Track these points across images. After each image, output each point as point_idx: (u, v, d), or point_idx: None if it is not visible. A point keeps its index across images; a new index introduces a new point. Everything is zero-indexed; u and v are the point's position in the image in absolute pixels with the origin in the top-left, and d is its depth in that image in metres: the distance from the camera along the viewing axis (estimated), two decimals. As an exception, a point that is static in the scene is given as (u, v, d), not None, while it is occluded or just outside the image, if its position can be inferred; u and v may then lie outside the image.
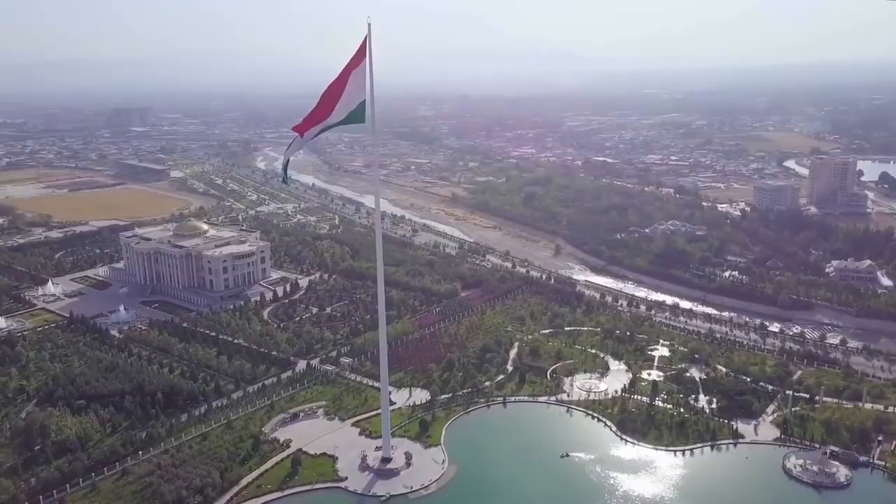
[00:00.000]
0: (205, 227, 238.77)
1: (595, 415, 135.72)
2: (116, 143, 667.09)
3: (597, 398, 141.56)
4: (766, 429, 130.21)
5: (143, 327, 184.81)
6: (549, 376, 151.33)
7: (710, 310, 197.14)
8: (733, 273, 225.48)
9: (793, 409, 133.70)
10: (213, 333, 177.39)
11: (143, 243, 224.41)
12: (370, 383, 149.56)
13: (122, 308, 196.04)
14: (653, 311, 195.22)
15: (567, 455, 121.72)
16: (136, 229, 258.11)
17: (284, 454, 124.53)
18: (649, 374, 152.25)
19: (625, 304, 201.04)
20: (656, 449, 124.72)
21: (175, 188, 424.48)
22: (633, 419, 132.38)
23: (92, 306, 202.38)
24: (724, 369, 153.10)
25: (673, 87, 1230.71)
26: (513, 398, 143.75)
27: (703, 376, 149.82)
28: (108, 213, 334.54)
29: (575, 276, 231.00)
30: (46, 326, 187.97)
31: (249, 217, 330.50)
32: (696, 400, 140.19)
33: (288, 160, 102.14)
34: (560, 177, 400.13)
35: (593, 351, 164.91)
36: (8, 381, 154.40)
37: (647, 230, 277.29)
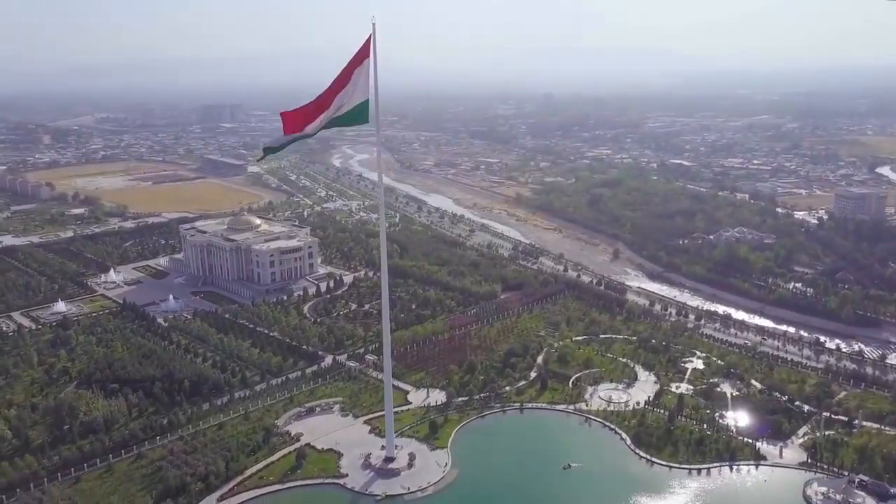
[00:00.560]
0: (257, 221, 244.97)
1: (611, 426, 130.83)
2: (204, 138, 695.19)
3: (617, 409, 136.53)
4: (794, 451, 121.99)
5: (188, 317, 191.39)
6: (571, 384, 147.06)
7: (765, 322, 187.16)
8: (797, 285, 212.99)
9: (826, 433, 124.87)
10: (251, 325, 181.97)
11: (197, 236, 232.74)
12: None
13: (171, 297, 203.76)
14: (702, 321, 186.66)
15: (569, 466, 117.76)
16: (197, 222, 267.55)
17: (292, 447, 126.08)
18: (678, 387, 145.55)
19: (673, 312, 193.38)
20: (669, 466, 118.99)
21: (250, 183, 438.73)
22: (650, 433, 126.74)
23: (146, 294, 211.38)
24: (759, 386, 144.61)
25: (768, 88, 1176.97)
26: (530, 405, 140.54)
27: (735, 392, 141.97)
28: (182, 206, 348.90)
29: (628, 283, 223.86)
30: (101, 312, 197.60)
31: (314, 213, 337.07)
32: (723, 417, 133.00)
33: (269, 148, 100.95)
34: (631, 179, 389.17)
35: (624, 360, 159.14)
36: (55, 362, 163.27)
37: (711, 237, 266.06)
